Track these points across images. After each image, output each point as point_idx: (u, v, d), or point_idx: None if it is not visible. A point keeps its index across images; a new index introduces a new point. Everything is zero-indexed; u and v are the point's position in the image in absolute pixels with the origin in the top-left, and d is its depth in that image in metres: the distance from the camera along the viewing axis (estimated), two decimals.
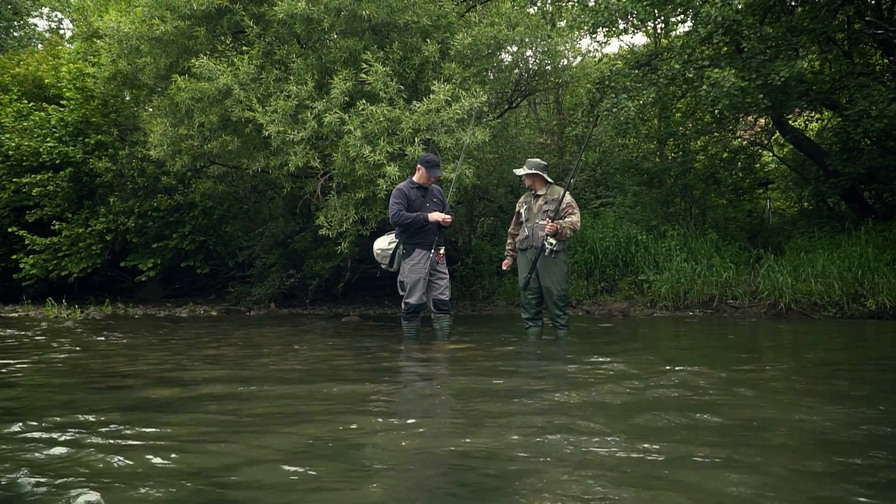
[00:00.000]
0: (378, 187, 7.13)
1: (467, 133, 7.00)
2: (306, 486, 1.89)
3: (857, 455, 2.14)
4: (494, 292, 11.06)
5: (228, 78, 7.57)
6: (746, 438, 2.37)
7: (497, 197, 12.65)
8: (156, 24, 8.17)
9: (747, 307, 8.45)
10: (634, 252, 10.15)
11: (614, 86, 9.34)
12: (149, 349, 5.41)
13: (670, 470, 1.99)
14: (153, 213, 11.81)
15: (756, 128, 12.80)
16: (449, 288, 5.84)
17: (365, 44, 7.90)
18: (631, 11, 9.08)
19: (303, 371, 4.17)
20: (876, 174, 9.67)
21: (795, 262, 8.52)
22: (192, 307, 11.03)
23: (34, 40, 21.66)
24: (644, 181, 12.30)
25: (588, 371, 3.91)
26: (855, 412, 2.74)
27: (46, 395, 3.37)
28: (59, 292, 11.66)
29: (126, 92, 11.12)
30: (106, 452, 2.24)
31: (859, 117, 8.31)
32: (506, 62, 9.83)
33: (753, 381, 3.55)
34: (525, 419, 2.71)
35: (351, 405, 3.04)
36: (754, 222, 12.00)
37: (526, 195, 5.88)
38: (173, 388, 3.56)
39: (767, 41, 8.39)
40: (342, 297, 11.71)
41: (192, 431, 2.55)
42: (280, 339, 6.33)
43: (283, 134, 7.39)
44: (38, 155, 11.43)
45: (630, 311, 9.03)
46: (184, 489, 1.87)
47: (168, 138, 8.53)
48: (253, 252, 12.11)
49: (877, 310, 7.49)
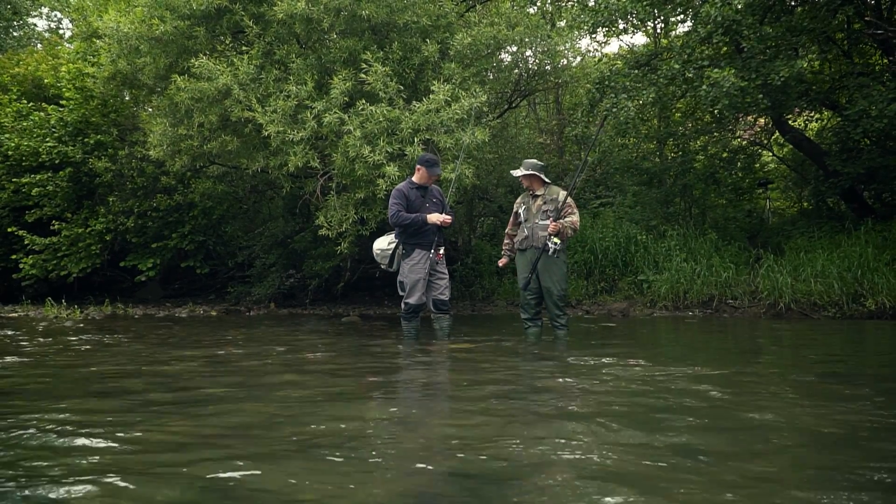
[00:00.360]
0: (378, 187, 7.13)
1: (467, 133, 7.00)
2: (306, 487, 1.90)
3: (856, 456, 2.14)
4: (494, 292, 11.07)
5: (228, 78, 7.57)
6: (746, 440, 2.37)
7: (497, 197, 12.66)
8: (155, 24, 8.17)
9: (747, 307, 8.45)
10: (634, 252, 10.16)
11: (614, 86, 9.34)
12: (148, 349, 5.40)
13: (669, 471, 2.00)
14: (153, 213, 11.82)
15: (756, 128, 12.81)
16: (449, 288, 5.85)
17: (364, 44, 7.90)
18: (631, 11, 9.10)
19: (302, 371, 4.18)
20: (875, 174, 9.67)
21: (795, 262, 8.52)
22: (192, 307, 11.03)
23: (34, 40, 21.67)
24: (644, 181, 12.30)
25: (587, 372, 3.92)
26: (854, 413, 2.74)
27: (44, 396, 3.37)
28: (59, 292, 11.65)
29: (126, 92, 11.12)
30: (104, 454, 2.24)
31: (859, 117, 8.31)
32: (505, 62, 9.84)
33: (753, 382, 3.56)
34: (525, 420, 2.71)
35: (350, 406, 3.04)
36: (754, 222, 12.01)
37: (524, 196, 5.90)
38: (172, 388, 3.56)
39: (767, 41, 8.39)
40: (342, 297, 11.71)
41: (191, 432, 2.55)
42: (280, 339, 6.33)
43: (283, 134, 7.39)
44: (38, 155, 11.44)
45: (630, 312, 9.04)
46: (184, 490, 1.88)
47: (167, 138, 8.53)
48: (252, 252, 12.12)
49: (876, 310, 7.49)
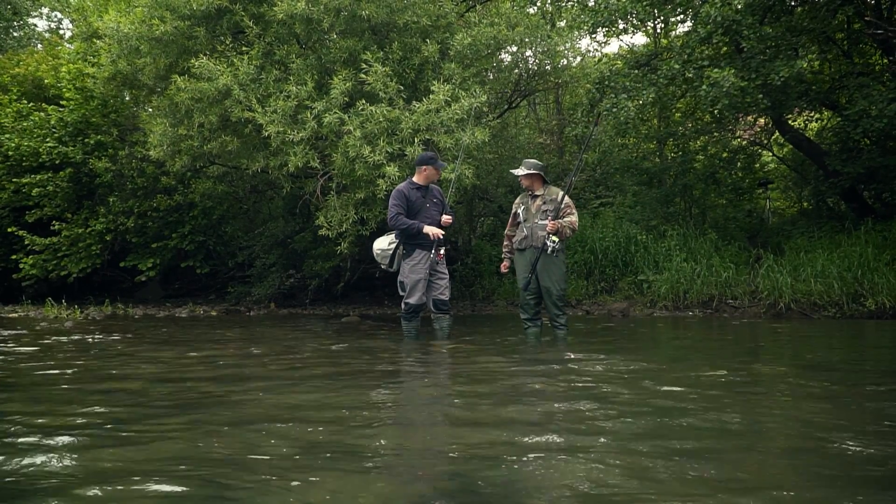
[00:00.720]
0: (378, 188, 7.13)
1: (467, 133, 7.01)
2: (306, 487, 1.90)
3: (854, 457, 2.15)
4: (494, 292, 11.07)
5: (228, 78, 7.56)
6: (744, 440, 2.37)
7: (497, 197, 12.66)
8: (155, 24, 8.17)
9: (747, 307, 8.45)
10: (634, 252, 10.16)
11: (614, 86, 9.35)
12: (148, 350, 5.41)
13: (667, 473, 2.00)
14: (153, 214, 11.82)
15: (756, 128, 12.81)
16: (449, 288, 5.85)
17: (364, 44, 7.90)
18: (630, 11, 9.10)
19: (302, 371, 4.18)
20: (875, 174, 9.67)
21: (795, 261, 8.53)
22: (192, 307, 11.03)
23: (34, 40, 21.67)
24: (644, 181, 12.31)
25: (587, 372, 3.92)
26: (853, 414, 2.74)
27: (44, 396, 3.37)
28: (59, 292, 11.65)
29: (126, 92, 11.12)
30: (104, 453, 2.24)
31: (859, 117, 8.32)
32: (505, 62, 9.84)
33: (753, 382, 3.56)
34: (525, 420, 2.71)
35: (350, 406, 3.04)
36: (754, 222, 12.01)
37: (522, 196, 5.91)
38: (172, 388, 3.56)
39: (767, 41, 8.40)
40: (342, 297, 11.71)
41: (191, 432, 2.56)
42: (280, 339, 6.33)
43: (283, 134, 7.39)
44: (38, 155, 11.44)
45: (630, 311, 9.04)
46: (183, 490, 1.88)
47: (168, 138, 8.52)
48: (253, 252, 12.12)
49: (876, 310, 7.50)
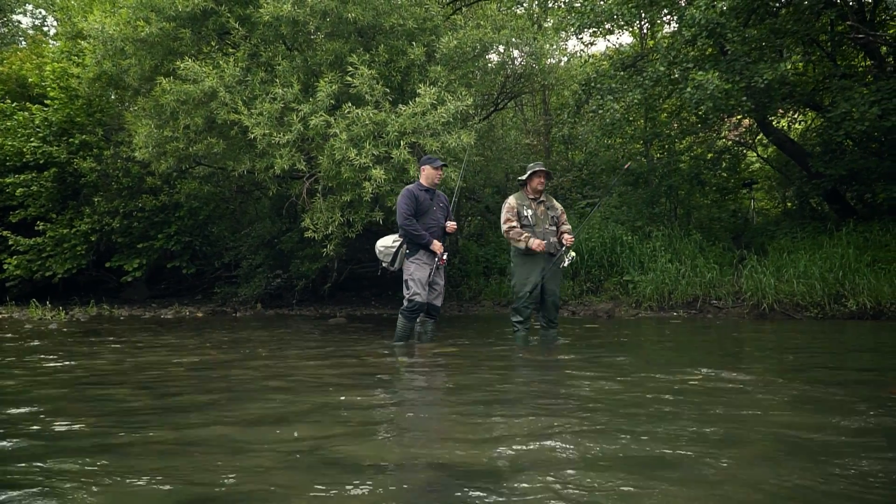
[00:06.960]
0: (364, 190, 7.13)
1: (452, 136, 7.02)
2: (293, 493, 1.91)
3: (834, 460, 2.19)
4: (481, 293, 11.10)
5: (214, 80, 7.54)
6: (726, 443, 2.41)
7: (483, 197, 12.69)
8: (141, 25, 8.12)
9: (731, 308, 8.53)
10: (620, 253, 10.23)
11: (600, 87, 9.40)
12: (133, 353, 5.39)
13: (660, 474, 2.03)
14: (138, 214, 11.77)
15: (741, 128, 12.92)
16: (442, 296, 5.88)
17: (351, 46, 7.90)
18: (616, 13, 9.15)
19: (289, 375, 4.18)
20: (857, 175, 9.79)
21: (778, 262, 8.62)
22: (178, 308, 10.98)
23: (18, 37, 21.46)
24: (630, 182, 12.38)
25: (575, 374, 3.95)
26: (832, 416, 2.79)
27: (27, 402, 3.36)
28: (44, 293, 11.58)
29: (111, 92, 11.05)
30: (88, 460, 2.24)
31: (841, 119, 8.41)
32: (491, 64, 9.86)
33: (735, 384, 3.60)
34: (514, 422, 2.73)
35: (337, 409, 3.05)
36: (738, 222, 12.12)
37: (519, 199, 5.68)
38: (157, 393, 3.56)
39: (751, 43, 8.47)
40: (329, 297, 11.70)
41: (175, 438, 2.56)
42: (266, 341, 6.32)
43: (269, 137, 7.38)
44: (22, 155, 11.36)
45: (615, 312, 9.10)
46: (167, 498, 1.89)
47: (153, 140, 8.47)
48: (239, 252, 12.09)
49: (857, 310, 7.60)
